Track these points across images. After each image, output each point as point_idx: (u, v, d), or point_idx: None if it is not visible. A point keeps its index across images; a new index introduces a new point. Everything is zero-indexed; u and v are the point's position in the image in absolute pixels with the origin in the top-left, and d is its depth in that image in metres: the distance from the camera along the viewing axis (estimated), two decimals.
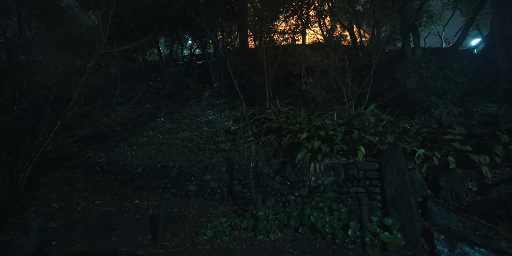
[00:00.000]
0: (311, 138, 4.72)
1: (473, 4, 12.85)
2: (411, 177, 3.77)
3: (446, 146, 4.22)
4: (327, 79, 7.66)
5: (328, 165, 4.64)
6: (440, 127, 4.59)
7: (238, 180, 5.73)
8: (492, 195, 3.49)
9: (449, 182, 3.73)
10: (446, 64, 6.02)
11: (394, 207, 3.44)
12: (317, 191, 4.58)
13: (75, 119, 5.82)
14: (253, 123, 7.19)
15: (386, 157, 3.81)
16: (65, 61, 5.31)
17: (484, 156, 3.81)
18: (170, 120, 9.08)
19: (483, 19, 15.70)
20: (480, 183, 3.75)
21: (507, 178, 3.66)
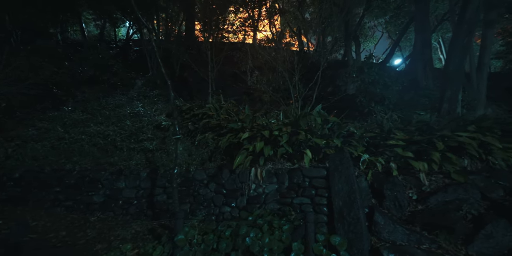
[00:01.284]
0: (253, 138, 4.00)
1: (400, 27, 14.70)
2: (359, 186, 3.42)
3: (388, 151, 4.10)
4: (274, 76, 7.18)
5: (271, 171, 3.99)
6: (382, 132, 4.50)
7: (163, 188, 4.59)
8: (431, 203, 3.39)
9: (392, 190, 3.51)
10: (384, 72, 6.22)
11: (342, 222, 2.97)
12: (257, 202, 3.87)
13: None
14: (189, 119, 6.10)
15: (334, 162, 3.36)
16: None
17: (422, 163, 3.76)
18: (81, 110, 7.14)
19: (405, 42, 18.28)
20: (419, 190, 3.67)
21: (442, 185, 3.66)
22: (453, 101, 5.03)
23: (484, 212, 3.22)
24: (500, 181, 3.82)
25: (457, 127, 4.37)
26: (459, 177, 3.68)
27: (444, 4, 14.08)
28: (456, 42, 5.15)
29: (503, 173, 3.98)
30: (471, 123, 4.55)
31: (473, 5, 4.86)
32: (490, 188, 3.57)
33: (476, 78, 7.92)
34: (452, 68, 5.19)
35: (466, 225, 3.07)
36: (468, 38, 5.10)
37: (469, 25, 4.93)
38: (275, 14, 13.26)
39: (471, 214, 3.19)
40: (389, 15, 15.24)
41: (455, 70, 5.09)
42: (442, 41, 18.05)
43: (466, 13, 4.93)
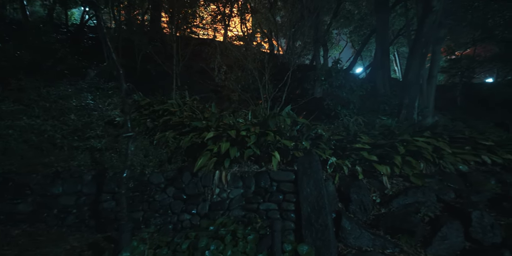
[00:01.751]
0: (218, 138, 3.67)
1: (362, 37, 15.71)
2: (327, 190, 3.32)
3: (354, 155, 4.12)
4: (244, 75, 6.92)
5: (236, 174, 3.70)
6: (349, 135, 4.53)
7: (111, 193, 3.98)
8: (393, 206, 3.45)
9: (358, 194, 3.50)
10: (350, 77, 6.41)
11: (310, 229, 2.82)
12: (220, 208, 3.54)
13: None
14: (148, 115, 5.50)
15: (303, 165, 3.21)
16: None
17: (385, 166, 3.84)
18: (13, 100, 5.97)
19: (366, 52, 19.63)
20: (382, 194, 3.73)
21: (402, 188, 3.77)
22: (411, 108, 5.35)
23: (439, 214, 3.37)
24: (450, 184, 4.10)
25: (415, 133, 4.62)
26: (417, 180, 3.84)
27: (400, 20, 15.41)
28: (415, 53, 5.53)
29: (452, 176, 4.29)
30: (426, 129, 4.86)
31: (429, 20, 5.26)
32: (443, 191, 3.79)
33: (427, 89, 8.69)
34: (410, 77, 5.54)
35: (425, 227, 3.17)
36: (425, 49, 5.51)
37: (426, 38, 5.32)
38: (247, 12, 13.06)
39: (429, 217, 3.31)
40: (353, 26, 16.18)
41: (413, 79, 5.43)
42: (397, 54, 19.82)
43: (424, 27, 5.32)
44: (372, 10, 13.59)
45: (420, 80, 9.35)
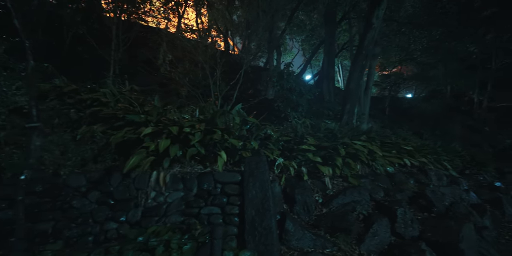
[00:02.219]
0: (158, 135, 3.24)
1: (312, 47, 16.83)
2: (273, 191, 3.23)
3: (301, 156, 4.19)
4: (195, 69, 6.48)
5: (177, 175, 3.31)
6: (296, 137, 4.61)
7: (8, 200, 3.11)
8: (333, 206, 3.59)
9: (302, 195, 3.53)
10: (300, 81, 6.65)
11: (253, 233, 2.66)
12: (155, 214, 3.10)
13: None
14: (72, 105, 4.59)
15: (250, 166, 3.06)
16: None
17: (328, 168, 4.00)
18: None
19: (315, 61, 21.11)
20: (324, 194, 3.86)
21: (342, 188, 3.98)
22: (351, 113, 5.82)
23: (371, 212, 3.65)
24: (380, 184, 4.53)
25: (353, 136, 4.99)
26: (354, 180, 4.11)
27: (344, 35, 17.05)
28: (356, 64, 6.06)
29: (382, 177, 4.76)
30: (363, 133, 5.30)
31: (370, 35, 5.85)
32: (375, 190, 4.14)
33: (364, 99, 9.69)
34: (352, 85, 6.04)
35: (359, 225, 3.37)
36: (365, 61, 6.09)
37: (366, 51, 5.90)
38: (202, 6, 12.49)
39: (363, 215, 3.54)
40: (305, 35, 17.19)
41: (354, 88, 5.93)
42: (340, 66, 21.88)
43: (364, 41, 5.88)
44: (321, 23, 14.63)
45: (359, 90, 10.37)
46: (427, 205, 4.21)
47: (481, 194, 6.37)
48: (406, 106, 13.86)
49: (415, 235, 3.38)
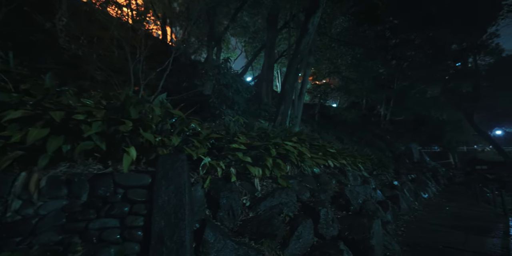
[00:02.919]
0: (33, 121, 2.33)
1: (255, 49, 17.09)
2: (194, 195, 2.74)
3: (231, 155, 3.84)
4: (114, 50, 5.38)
5: (60, 178, 2.45)
6: (228, 135, 4.26)
7: None
8: (261, 209, 3.36)
9: (228, 198, 3.16)
10: (238, 79, 6.38)
11: (160, 250, 2.11)
12: (17, 233, 2.17)
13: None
14: None
15: (164, 166, 2.50)
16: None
17: (258, 168, 3.77)
18: None
19: (256, 65, 21.56)
20: (253, 196, 3.59)
21: (271, 190, 3.80)
22: (285, 115, 5.87)
23: (297, 213, 3.58)
24: (307, 185, 4.59)
25: (285, 137, 4.97)
26: (283, 182, 4.01)
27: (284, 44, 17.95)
28: (292, 67, 6.20)
29: (309, 178, 4.87)
30: (295, 135, 5.36)
31: (305, 40, 6.08)
32: (302, 191, 4.14)
33: (297, 103, 10.17)
34: (287, 87, 6.13)
35: (285, 228, 3.22)
36: (299, 65, 6.30)
37: (301, 55, 6.10)
38: None
39: (289, 217, 3.42)
40: (248, 37, 17.32)
41: (289, 89, 6.02)
42: (279, 72, 23.03)
43: (300, 45, 6.08)
44: (264, 27, 14.99)
45: (294, 94, 10.86)
46: (346, 204, 4.48)
47: (384, 191, 7.40)
48: (332, 113, 15.47)
49: (334, 234, 3.45)
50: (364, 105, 20.18)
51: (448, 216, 6.95)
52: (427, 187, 11.79)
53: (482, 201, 10.03)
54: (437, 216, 6.88)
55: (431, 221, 6.20)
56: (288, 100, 6.01)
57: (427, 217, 6.69)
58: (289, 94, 6.01)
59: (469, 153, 33.62)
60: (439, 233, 5.03)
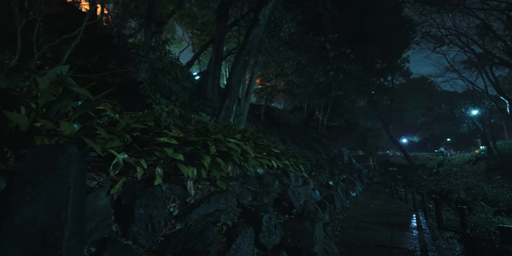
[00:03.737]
0: None
1: (203, 43, 16.08)
2: (84, 207, 1.89)
3: (158, 152, 3.06)
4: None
5: None
6: (158, 126, 3.45)
7: None
8: (192, 219, 2.70)
9: (148, 207, 2.40)
10: (178, 64, 5.53)
11: None
12: None
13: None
14: None
15: (36, 164, 1.61)
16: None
17: (193, 168, 3.10)
18: None
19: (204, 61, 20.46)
20: (183, 203, 2.90)
21: (207, 195, 3.17)
22: (230, 110, 5.33)
23: (237, 221, 3.06)
24: (250, 187, 4.13)
25: (228, 134, 4.42)
26: (222, 184, 3.43)
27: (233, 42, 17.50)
28: (240, 59, 5.73)
29: (252, 179, 4.42)
30: (239, 132, 4.87)
31: (255, 30, 5.71)
32: (243, 194, 3.65)
33: (244, 101, 9.78)
34: (233, 80, 5.61)
35: (221, 240, 2.65)
36: (248, 57, 5.88)
37: (250, 45, 5.70)
38: None
39: (227, 226, 2.87)
40: (196, 28, 16.19)
41: (235, 83, 5.52)
42: (227, 70, 22.41)
43: (250, 36, 5.68)
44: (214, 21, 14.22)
45: (241, 93, 10.43)
46: (288, 206, 4.21)
47: (321, 191, 7.62)
48: (277, 115, 15.74)
49: (277, 243, 3.07)
50: (305, 110, 21.45)
51: (373, 213, 7.60)
52: (355, 186, 13.02)
53: (396, 198, 11.61)
54: (365, 213, 7.44)
55: (361, 218, 6.61)
56: (234, 94, 5.49)
57: (357, 215, 7.15)
58: (235, 88, 5.51)
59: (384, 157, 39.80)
60: (369, 231, 5.29)
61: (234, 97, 5.47)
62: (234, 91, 5.44)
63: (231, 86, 5.42)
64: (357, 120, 24.20)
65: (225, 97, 5.37)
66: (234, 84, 5.46)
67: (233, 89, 5.44)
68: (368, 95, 25.64)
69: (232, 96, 5.37)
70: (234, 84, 5.45)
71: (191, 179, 3.08)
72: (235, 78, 5.49)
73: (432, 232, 5.18)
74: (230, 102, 5.35)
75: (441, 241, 4.56)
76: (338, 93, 24.29)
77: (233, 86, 5.43)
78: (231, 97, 5.36)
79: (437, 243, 4.35)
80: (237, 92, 5.64)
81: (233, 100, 5.48)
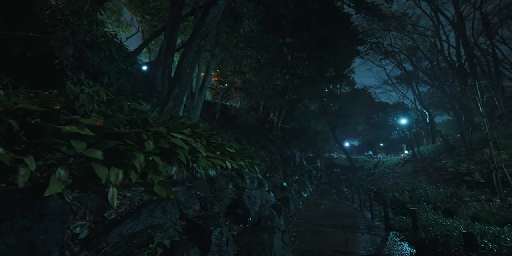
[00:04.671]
0: None
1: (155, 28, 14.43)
2: None
3: (64, 147, 2.13)
4: None
5: None
6: (71, 112, 2.48)
7: None
8: (110, 242, 1.88)
9: (29, 232, 1.52)
10: (115, 41, 4.45)
11: None
12: None
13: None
14: None
15: None
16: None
17: (117, 170, 2.25)
18: None
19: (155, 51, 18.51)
20: (100, 219, 2.04)
21: (137, 205, 2.36)
22: (179, 101, 4.50)
23: (178, 239, 2.34)
24: (199, 192, 3.42)
25: (175, 128, 3.62)
26: (161, 190, 2.65)
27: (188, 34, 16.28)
28: (193, 42, 4.96)
29: (202, 183, 3.71)
30: (188, 126, 4.10)
31: (213, 11, 5.02)
32: (189, 203, 2.92)
33: (198, 96, 8.91)
34: (184, 66, 4.80)
35: None
36: (204, 41, 5.13)
37: (206, 28, 4.98)
38: None
39: (163, 247, 2.12)
40: (147, 13, 14.46)
41: (186, 69, 4.71)
42: None
43: (207, 17, 4.97)
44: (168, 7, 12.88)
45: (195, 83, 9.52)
46: (243, 214, 3.63)
47: (276, 193, 7.29)
48: (233, 114, 15.10)
49: None
50: (261, 110, 21.39)
51: (325, 214, 7.62)
52: (306, 187, 13.28)
53: (343, 198, 12.20)
54: (317, 215, 7.40)
55: (315, 221, 6.48)
56: (184, 83, 4.64)
57: (311, 217, 7.03)
58: (187, 76, 4.66)
59: (330, 159, 42.91)
60: (324, 235, 5.10)
61: (184, 85, 4.63)
62: (185, 79, 4.60)
63: (182, 73, 4.57)
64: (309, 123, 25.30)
65: (174, 85, 4.49)
66: (186, 70, 4.62)
67: (184, 76, 4.59)
68: (319, 100, 27.13)
69: (182, 85, 4.52)
70: (185, 71, 4.61)
71: (114, 185, 2.23)
72: (187, 64, 4.66)
73: (382, 234, 5.28)
74: (180, 92, 4.49)
75: (391, 243, 4.61)
76: (292, 96, 25.06)
77: (184, 73, 4.59)
78: (181, 86, 4.52)
79: (388, 246, 4.37)
80: (188, 80, 4.82)
81: (184, 89, 4.65)
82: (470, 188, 9.46)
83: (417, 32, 23.28)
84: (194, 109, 6.20)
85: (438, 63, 23.18)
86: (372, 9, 15.06)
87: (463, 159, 13.15)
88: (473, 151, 13.49)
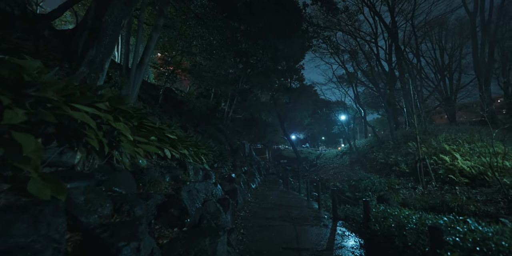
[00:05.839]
0: None
1: None
2: None
3: None
4: None
5: None
6: None
7: None
8: None
9: None
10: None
11: None
12: None
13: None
14: None
15: None
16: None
17: None
18: None
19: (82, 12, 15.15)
20: None
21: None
22: (98, 67, 3.31)
23: None
24: (116, 188, 2.48)
25: (81, 98, 2.54)
26: (42, 189, 1.67)
27: None
28: None
29: (124, 175, 2.76)
30: (107, 100, 3.02)
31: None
32: (93, 205, 1.98)
33: (135, 73, 7.45)
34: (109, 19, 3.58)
35: None
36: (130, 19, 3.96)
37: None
38: None
39: None
40: None
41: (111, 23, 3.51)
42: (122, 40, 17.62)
43: None
44: None
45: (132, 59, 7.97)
46: (180, 214, 2.85)
47: (224, 185, 6.64)
48: (179, 99, 13.62)
49: None
50: (212, 98, 20.20)
51: (274, 205, 7.36)
52: (255, 178, 13.04)
53: (290, 188, 12.38)
54: (266, 207, 7.07)
55: (263, 213, 6.09)
56: (106, 43, 3.40)
57: (259, 209, 6.64)
58: (110, 34, 3.43)
59: (277, 150, 44.49)
60: (274, 229, 4.71)
61: (106, 47, 3.41)
62: (106, 37, 3.39)
63: (103, 28, 3.34)
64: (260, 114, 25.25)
65: (90, 44, 3.25)
66: (108, 25, 3.40)
67: (105, 33, 3.37)
68: (271, 92, 27.30)
69: (101, 45, 3.30)
70: (107, 26, 3.39)
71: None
72: (110, 18, 3.43)
73: (330, 225, 5.20)
74: (97, 54, 3.27)
75: (341, 234, 4.51)
76: (245, 86, 24.47)
77: (106, 29, 3.37)
78: (101, 46, 3.30)
79: (338, 239, 4.22)
80: (112, 41, 3.59)
81: (105, 52, 3.42)
82: (398, 177, 10.63)
83: (360, 36, 25.30)
84: (131, 89, 4.94)
85: (376, 66, 25.77)
86: (327, 1, 15.40)
87: (391, 151, 14.84)
88: (399, 144, 15.36)
